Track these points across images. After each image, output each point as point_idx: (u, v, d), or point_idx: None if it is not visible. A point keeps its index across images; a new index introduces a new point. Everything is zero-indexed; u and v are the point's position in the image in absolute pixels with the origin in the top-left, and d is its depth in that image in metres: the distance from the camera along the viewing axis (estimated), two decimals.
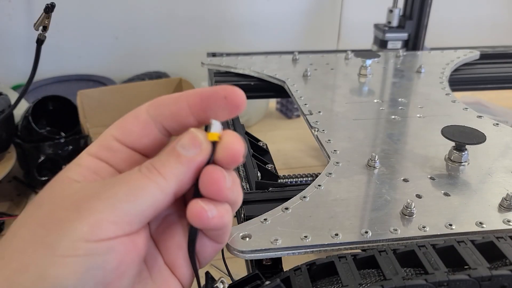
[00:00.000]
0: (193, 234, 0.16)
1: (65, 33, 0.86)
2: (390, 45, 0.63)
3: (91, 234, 0.13)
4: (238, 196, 0.16)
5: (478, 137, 0.30)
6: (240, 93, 0.15)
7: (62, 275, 0.13)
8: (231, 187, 0.15)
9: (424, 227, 0.24)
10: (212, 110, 0.15)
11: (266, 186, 0.30)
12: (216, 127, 0.15)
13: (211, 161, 0.15)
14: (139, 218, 0.14)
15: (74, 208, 0.14)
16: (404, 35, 0.63)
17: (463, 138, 0.30)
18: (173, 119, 0.16)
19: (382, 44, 0.64)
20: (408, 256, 0.21)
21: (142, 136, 0.16)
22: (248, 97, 0.57)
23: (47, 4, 0.45)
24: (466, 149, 0.31)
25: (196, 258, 0.17)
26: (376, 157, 0.31)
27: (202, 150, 0.15)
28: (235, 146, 0.15)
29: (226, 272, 0.28)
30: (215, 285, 0.18)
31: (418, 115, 0.40)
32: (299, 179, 0.34)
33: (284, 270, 0.22)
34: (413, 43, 0.64)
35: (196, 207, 0.14)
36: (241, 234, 0.23)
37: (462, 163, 0.31)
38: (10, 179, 0.67)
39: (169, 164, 0.15)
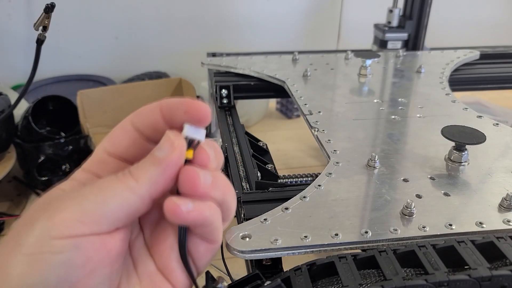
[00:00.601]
0: (181, 232, 0.16)
1: (65, 33, 0.86)
2: (390, 45, 0.63)
3: (56, 231, 0.13)
4: (225, 194, 0.16)
5: (478, 137, 0.30)
6: (201, 107, 0.15)
7: (25, 273, 0.13)
8: (212, 184, 0.15)
9: (424, 227, 0.24)
10: (179, 121, 0.16)
11: (266, 186, 0.30)
12: (187, 130, 0.15)
13: (186, 161, 0.15)
14: (108, 219, 0.14)
15: (44, 209, 0.14)
16: (404, 35, 0.63)
17: (463, 138, 0.30)
18: (152, 128, 0.16)
19: (382, 44, 0.64)
20: (408, 256, 0.21)
21: (129, 146, 0.16)
22: (248, 97, 0.56)
23: (47, 4, 0.45)
24: (466, 149, 0.31)
25: (192, 262, 0.16)
26: (376, 157, 0.31)
27: (175, 148, 0.15)
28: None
29: (226, 272, 0.28)
30: (218, 286, 0.18)
31: (418, 115, 0.40)
32: (299, 179, 0.34)
33: (284, 270, 0.22)
34: (413, 43, 0.64)
35: (169, 203, 0.15)
36: (241, 234, 0.23)
37: (462, 163, 0.31)
38: (10, 179, 0.67)
39: (143, 167, 0.15)
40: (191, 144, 0.15)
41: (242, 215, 0.27)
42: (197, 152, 0.16)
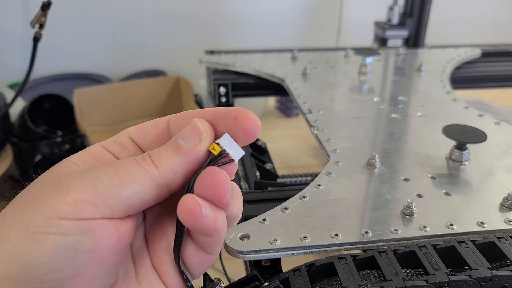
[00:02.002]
0: (179, 234, 0.15)
1: (62, 31, 0.86)
2: (390, 43, 0.63)
3: (66, 212, 0.12)
4: (238, 210, 0.15)
5: (479, 136, 0.30)
6: (253, 118, 0.14)
7: (30, 251, 0.12)
8: (233, 196, 0.14)
9: (424, 227, 0.24)
10: (222, 129, 0.15)
11: (265, 186, 0.30)
12: (223, 139, 0.14)
13: (211, 163, 0.14)
14: (123, 205, 0.13)
15: (55, 186, 0.13)
16: (404, 33, 0.63)
17: (464, 137, 0.30)
18: None
19: (382, 41, 0.64)
20: (409, 257, 0.20)
21: (154, 141, 0.16)
22: (247, 95, 0.56)
23: (44, 2, 0.45)
24: (467, 148, 0.30)
25: (185, 268, 0.16)
26: (376, 156, 0.30)
27: (203, 140, 0.14)
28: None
29: (224, 273, 0.28)
30: (215, 287, 0.18)
31: (419, 114, 0.39)
32: (299, 179, 0.34)
33: (283, 271, 0.22)
34: (414, 41, 0.64)
35: (189, 201, 0.13)
36: (239, 234, 0.23)
37: (463, 162, 0.30)
38: (7, 179, 0.66)
39: (166, 154, 0.14)
40: (220, 156, 0.14)
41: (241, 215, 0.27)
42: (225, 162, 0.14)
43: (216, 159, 0.14)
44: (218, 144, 0.14)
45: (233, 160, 0.14)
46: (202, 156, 0.14)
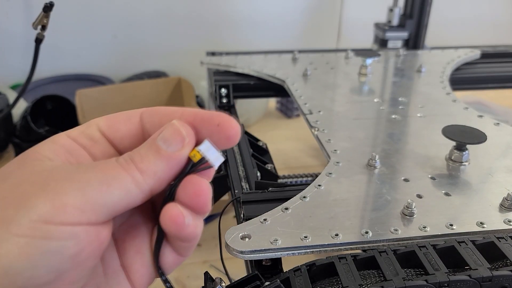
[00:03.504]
0: (160, 238, 0.15)
1: (63, 32, 0.86)
2: (390, 44, 0.63)
3: (53, 216, 0.12)
4: (209, 211, 0.15)
5: (478, 137, 0.30)
6: (235, 125, 0.14)
7: (13, 255, 0.12)
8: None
9: (424, 227, 0.24)
10: (203, 134, 0.14)
11: (266, 186, 0.30)
12: (205, 146, 0.14)
13: (192, 170, 0.14)
14: (108, 210, 0.13)
15: (40, 186, 0.13)
16: (404, 34, 0.63)
17: (463, 137, 0.30)
18: None
19: (382, 43, 0.64)
20: (409, 257, 0.21)
21: (127, 137, 0.15)
22: (248, 97, 0.56)
23: (46, 3, 0.45)
24: (466, 149, 0.31)
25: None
26: (377, 156, 0.30)
27: (185, 145, 0.14)
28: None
29: (225, 273, 0.28)
30: (216, 287, 0.18)
31: (419, 115, 0.39)
32: (299, 179, 0.34)
33: (284, 271, 0.22)
34: (414, 42, 0.64)
35: (174, 210, 0.13)
36: (240, 235, 0.23)
37: (463, 163, 0.30)
38: None
39: (148, 159, 0.14)
40: (200, 163, 0.14)
41: (242, 215, 0.27)
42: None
43: (196, 165, 0.14)
44: (198, 151, 0.14)
45: (212, 167, 0.15)
46: (184, 161, 0.14)
